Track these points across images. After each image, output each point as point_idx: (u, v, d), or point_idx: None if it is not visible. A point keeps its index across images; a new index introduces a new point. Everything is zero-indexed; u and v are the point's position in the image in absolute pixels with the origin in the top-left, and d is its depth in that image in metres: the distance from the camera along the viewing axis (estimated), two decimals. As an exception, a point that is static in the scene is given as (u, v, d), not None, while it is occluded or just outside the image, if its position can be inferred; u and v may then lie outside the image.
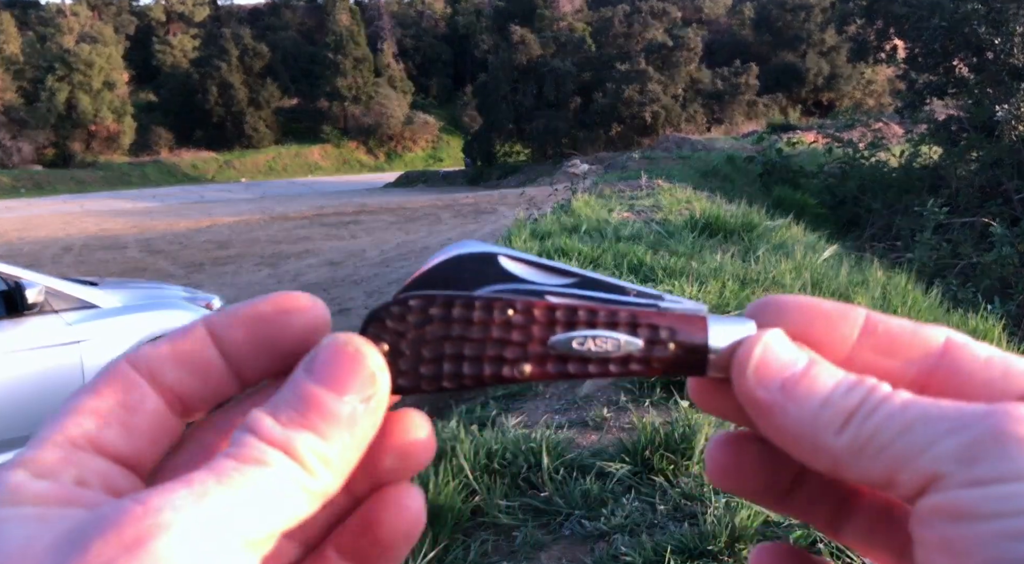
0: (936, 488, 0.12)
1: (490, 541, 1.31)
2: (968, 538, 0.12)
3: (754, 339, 0.15)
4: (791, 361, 0.15)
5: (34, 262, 6.63)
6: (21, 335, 2.23)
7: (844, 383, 0.14)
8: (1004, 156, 4.95)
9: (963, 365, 0.15)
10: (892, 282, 2.78)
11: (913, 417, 0.13)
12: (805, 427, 0.14)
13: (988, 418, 0.13)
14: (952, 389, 0.15)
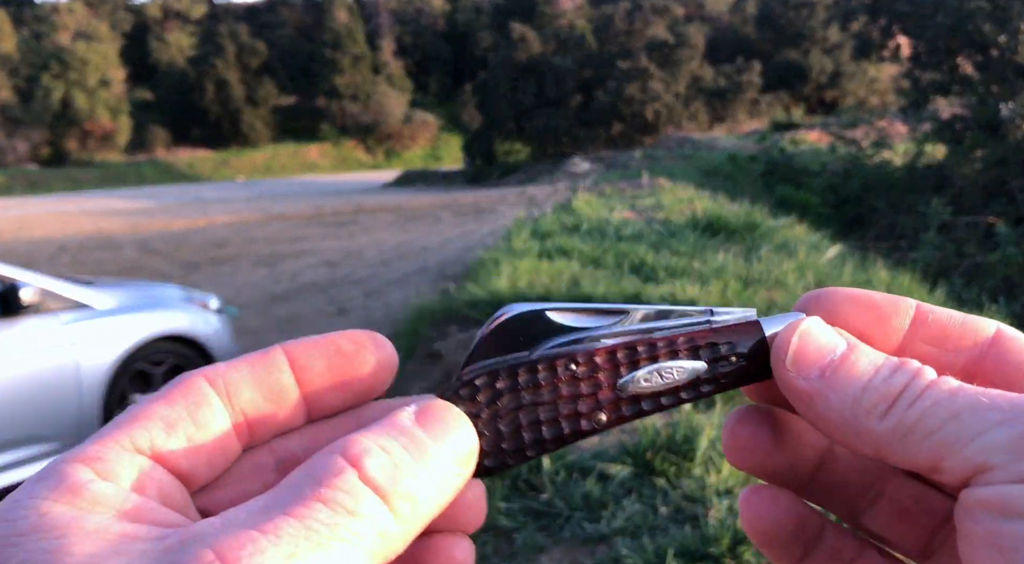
0: (984, 479, 0.13)
1: (490, 543, 1.29)
2: (1017, 535, 0.12)
3: (791, 327, 0.15)
4: (830, 347, 0.15)
5: (29, 262, 6.56)
6: (16, 336, 2.20)
7: (886, 367, 0.14)
8: (1009, 154, 4.93)
9: (1013, 356, 0.15)
10: (896, 282, 2.76)
11: (962, 404, 0.13)
12: (847, 413, 0.14)
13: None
14: (1000, 379, 0.15)
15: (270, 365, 0.15)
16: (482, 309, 2.51)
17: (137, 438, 0.13)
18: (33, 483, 0.12)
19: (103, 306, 2.44)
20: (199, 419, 0.14)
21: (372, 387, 0.15)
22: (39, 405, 2.24)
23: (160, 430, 0.13)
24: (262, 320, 4.28)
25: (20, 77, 27.90)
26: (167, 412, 0.14)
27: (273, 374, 0.15)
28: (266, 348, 0.15)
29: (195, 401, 0.14)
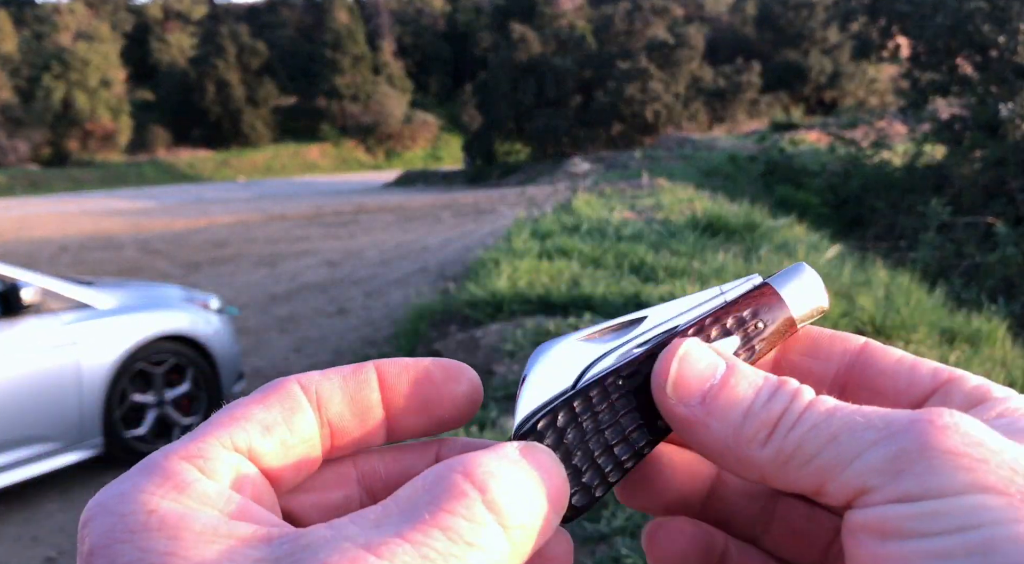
0: (864, 501, 0.13)
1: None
2: (897, 557, 0.12)
3: (670, 353, 0.15)
4: (709, 371, 0.15)
5: (30, 262, 6.58)
6: (17, 336, 2.20)
7: (765, 390, 0.14)
8: (1008, 155, 4.92)
9: (876, 363, 0.16)
10: (895, 282, 2.76)
11: (838, 426, 0.13)
12: (730, 441, 0.14)
13: (912, 428, 0.13)
14: (868, 384, 0.16)
15: (361, 381, 0.15)
16: (482, 309, 2.51)
17: (236, 438, 0.13)
18: (137, 476, 0.12)
19: (104, 306, 2.44)
20: (293, 424, 0.14)
21: (454, 418, 0.15)
22: (40, 405, 2.24)
23: (258, 432, 0.14)
24: (262, 320, 4.28)
25: (21, 77, 27.94)
26: (264, 415, 0.14)
27: (363, 390, 0.15)
28: (360, 363, 0.15)
29: (290, 407, 0.14)
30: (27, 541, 2.05)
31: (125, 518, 0.11)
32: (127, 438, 2.45)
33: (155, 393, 2.56)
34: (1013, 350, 2.09)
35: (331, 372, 0.15)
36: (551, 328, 2.11)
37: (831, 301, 0.17)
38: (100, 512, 0.11)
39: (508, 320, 2.36)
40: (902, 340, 1.95)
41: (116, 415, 2.44)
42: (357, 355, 3.34)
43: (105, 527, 0.11)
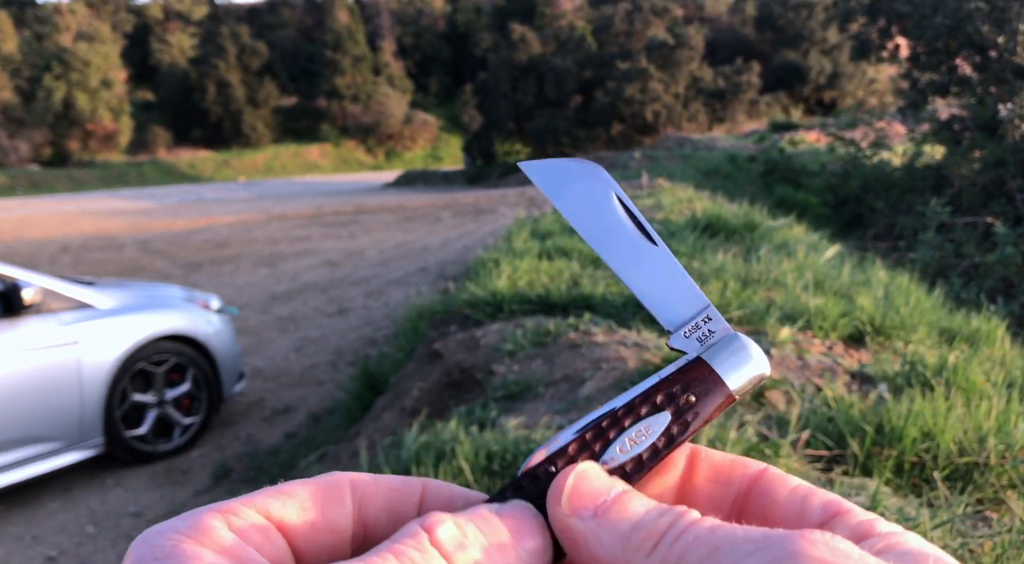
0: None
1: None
2: None
3: (567, 471, 0.16)
4: (605, 489, 0.16)
5: (31, 262, 6.61)
6: (17, 335, 2.21)
7: (656, 509, 0.15)
8: (1007, 155, 4.91)
9: (773, 490, 0.17)
10: (895, 282, 2.77)
11: (720, 539, 0.14)
12: (617, 552, 0.15)
13: (786, 541, 0.14)
14: (762, 512, 0.17)
15: (406, 495, 0.16)
16: (482, 309, 2.52)
17: (272, 507, 0.15)
18: (178, 520, 0.14)
19: (104, 306, 2.44)
20: (328, 513, 0.16)
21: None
22: (41, 405, 2.24)
23: (294, 510, 0.15)
24: (263, 320, 4.29)
25: (22, 78, 27.94)
26: (305, 497, 0.16)
27: (406, 505, 0.16)
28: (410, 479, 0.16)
29: (333, 498, 0.16)
30: (28, 540, 2.05)
31: (155, 549, 0.13)
32: (127, 438, 2.46)
33: (155, 393, 2.57)
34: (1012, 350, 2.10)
35: (383, 479, 0.17)
36: (551, 328, 2.11)
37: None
38: (140, 543, 0.14)
39: (508, 320, 2.37)
40: (901, 340, 1.96)
41: (117, 415, 2.44)
42: (357, 355, 3.35)
43: (139, 554, 0.13)
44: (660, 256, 0.18)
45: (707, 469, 0.18)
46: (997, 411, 1.26)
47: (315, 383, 3.19)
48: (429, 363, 2.31)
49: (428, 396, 2.05)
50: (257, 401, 3.05)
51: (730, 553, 0.14)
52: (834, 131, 8.16)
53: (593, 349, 1.88)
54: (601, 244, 0.18)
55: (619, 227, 0.18)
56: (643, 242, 0.18)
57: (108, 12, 33.15)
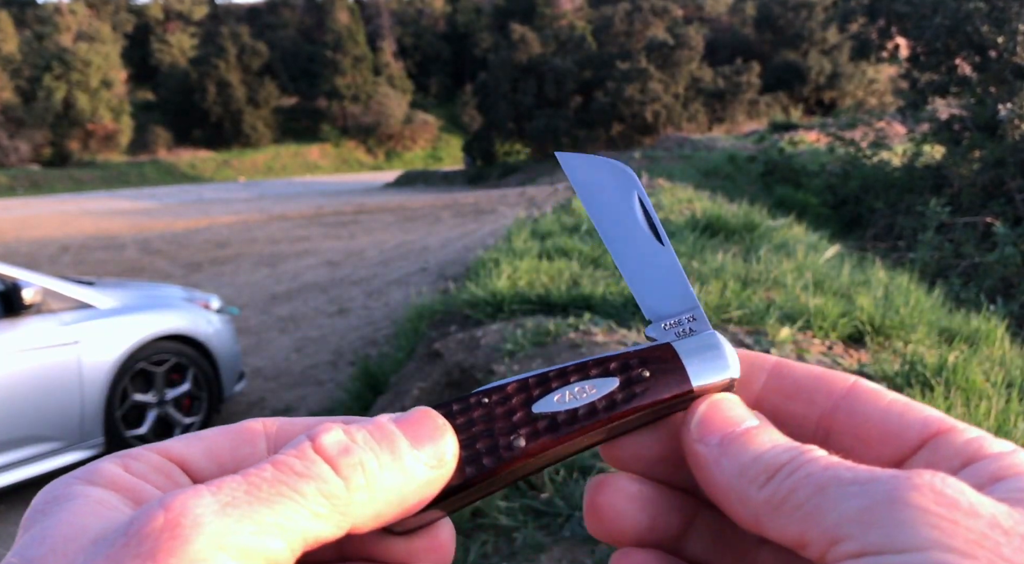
0: (835, 553, 0.13)
1: (490, 543, 1.30)
2: None
3: (704, 399, 0.16)
4: (736, 420, 0.16)
5: (31, 262, 6.60)
6: (18, 335, 2.21)
7: (782, 446, 0.15)
8: (1007, 155, 4.90)
9: (864, 408, 0.16)
10: (894, 282, 2.77)
11: (829, 478, 0.14)
12: (733, 480, 0.15)
13: (890, 482, 0.13)
14: (854, 431, 0.16)
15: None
16: (482, 309, 2.52)
17: (173, 448, 0.15)
18: (78, 470, 0.14)
19: (105, 306, 2.44)
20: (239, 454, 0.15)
21: None
22: (41, 404, 2.25)
23: (201, 450, 0.15)
24: (263, 320, 4.29)
25: (22, 78, 27.92)
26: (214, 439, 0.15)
27: None
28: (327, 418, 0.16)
29: (243, 439, 0.15)
30: (28, 540, 2.06)
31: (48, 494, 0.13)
32: (128, 438, 2.46)
33: (156, 393, 2.57)
34: (1012, 350, 2.10)
35: (299, 420, 0.16)
36: (551, 328, 2.12)
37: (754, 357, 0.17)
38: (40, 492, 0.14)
39: (508, 320, 2.37)
40: (901, 340, 1.96)
41: (117, 415, 2.44)
42: (357, 355, 3.35)
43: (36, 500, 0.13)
44: (663, 255, 0.18)
45: (790, 385, 0.17)
46: (996, 411, 1.27)
47: (315, 383, 3.19)
48: (429, 363, 2.31)
49: (428, 396, 2.05)
50: (257, 401, 3.05)
51: (835, 494, 0.13)
52: (834, 131, 8.13)
53: (593, 349, 1.88)
54: (610, 234, 0.19)
55: (632, 222, 0.18)
56: (651, 239, 0.18)
57: (108, 12, 33.16)
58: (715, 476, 0.15)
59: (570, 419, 0.16)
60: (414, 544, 0.16)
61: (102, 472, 0.14)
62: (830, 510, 0.13)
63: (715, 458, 0.15)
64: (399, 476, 0.14)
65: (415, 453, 0.15)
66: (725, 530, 0.17)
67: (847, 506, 0.13)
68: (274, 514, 0.13)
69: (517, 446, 0.16)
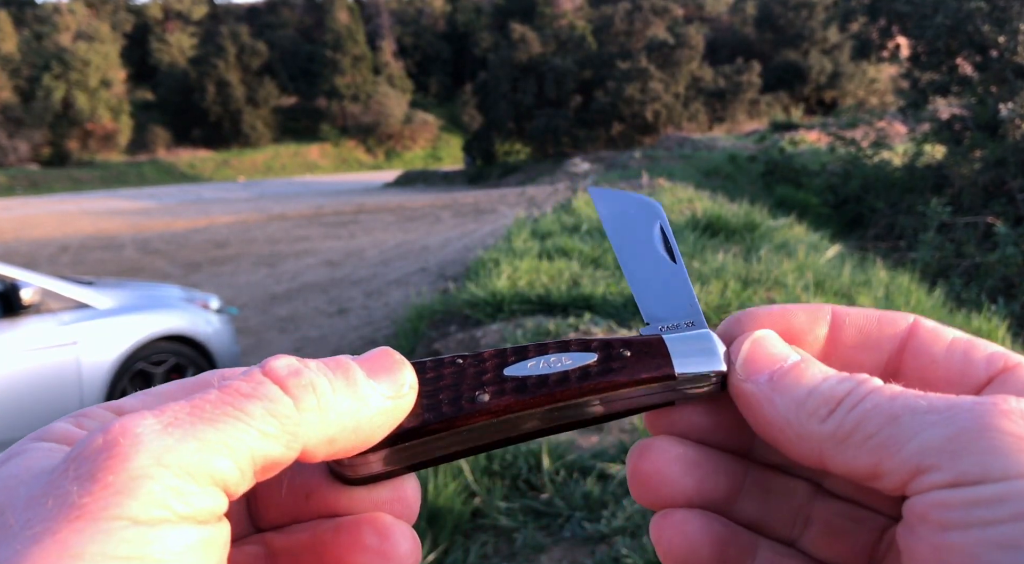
0: (920, 484, 0.12)
1: (490, 543, 1.30)
2: (959, 549, 0.12)
3: (744, 336, 0.16)
4: (781, 356, 0.15)
5: (30, 262, 6.59)
6: (17, 336, 2.21)
7: (835, 376, 0.15)
8: (1008, 155, 4.90)
9: (927, 350, 0.15)
10: (895, 282, 2.76)
11: (900, 407, 0.13)
12: (791, 416, 0.14)
13: (974, 410, 0.12)
14: (920, 373, 0.15)
15: None
16: (482, 309, 2.51)
17: (128, 405, 0.15)
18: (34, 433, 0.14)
19: (104, 306, 2.44)
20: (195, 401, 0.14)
21: None
22: (40, 405, 2.25)
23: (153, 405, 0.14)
24: (262, 320, 4.28)
25: (21, 77, 27.92)
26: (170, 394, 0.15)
27: None
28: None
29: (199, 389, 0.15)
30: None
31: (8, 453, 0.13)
32: (127, 438, 2.45)
33: (155, 393, 2.57)
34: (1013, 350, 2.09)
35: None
36: (551, 328, 2.11)
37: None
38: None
39: (508, 320, 2.36)
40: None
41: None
42: (357, 354, 3.33)
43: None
44: (675, 271, 0.18)
45: (852, 333, 0.16)
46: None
47: (315, 383, 3.20)
48: (429, 363, 2.29)
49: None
50: (257, 401, 3.06)
51: (911, 423, 0.13)
52: (834, 131, 8.12)
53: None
54: (625, 252, 0.19)
55: (649, 243, 0.19)
56: (665, 259, 0.19)
57: (108, 12, 33.12)
58: (769, 414, 0.14)
59: (539, 383, 0.16)
60: (379, 495, 0.15)
61: (53, 430, 0.14)
62: (908, 439, 0.12)
63: (767, 396, 0.15)
64: (353, 401, 0.14)
65: (371, 382, 0.14)
66: (775, 490, 0.16)
67: (930, 434, 0.12)
68: (218, 433, 0.12)
69: (480, 400, 0.15)
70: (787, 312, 0.16)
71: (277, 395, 0.13)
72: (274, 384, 0.13)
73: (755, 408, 0.15)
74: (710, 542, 0.16)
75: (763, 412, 0.15)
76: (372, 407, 0.14)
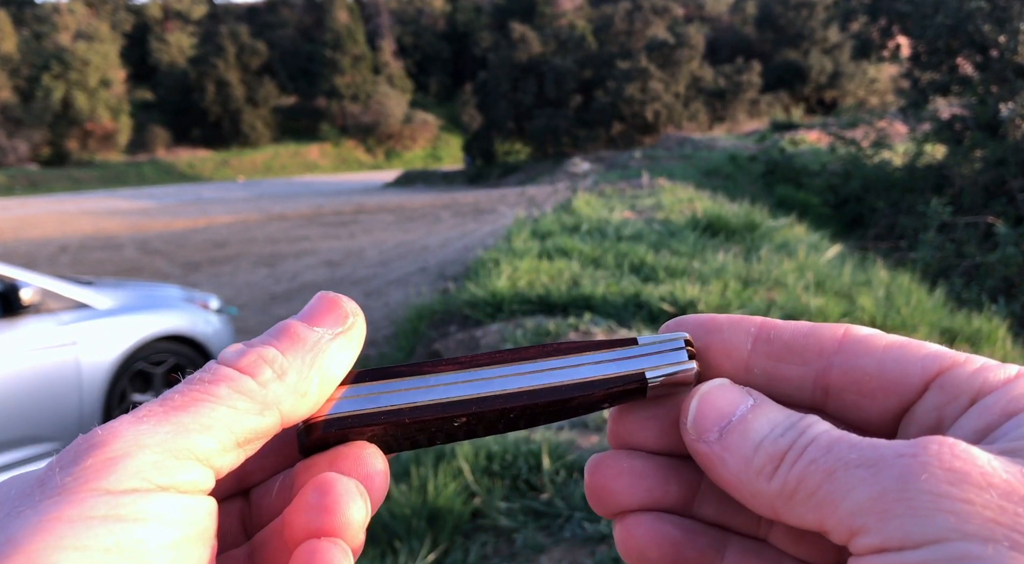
0: (856, 545, 0.12)
1: (490, 544, 1.30)
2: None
3: (693, 393, 0.16)
4: (728, 409, 0.15)
5: (29, 262, 6.58)
6: (16, 336, 2.20)
7: (781, 425, 0.14)
8: (1009, 155, 4.89)
9: (858, 361, 0.15)
10: (896, 282, 2.76)
11: (834, 461, 0.13)
12: (741, 475, 0.14)
13: (896, 465, 0.12)
14: (855, 387, 0.15)
15: None
16: (482, 309, 2.51)
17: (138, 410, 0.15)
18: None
19: (103, 306, 2.44)
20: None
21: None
22: (39, 405, 2.24)
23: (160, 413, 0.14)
24: (262, 320, 4.29)
25: (21, 77, 27.86)
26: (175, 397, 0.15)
27: None
28: None
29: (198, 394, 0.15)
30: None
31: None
32: (127, 438, 2.45)
33: (155, 393, 2.57)
34: (1013, 350, 2.09)
35: None
36: (551, 328, 2.11)
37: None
38: None
39: (508, 320, 2.36)
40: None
41: (115, 415, 2.43)
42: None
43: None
44: None
45: (780, 347, 0.15)
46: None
47: (315, 383, 3.20)
48: (429, 363, 2.28)
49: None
50: (256, 401, 3.06)
51: (844, 480, 0.12)
52: (835, 131, 8.12)
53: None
54: None
55: None
56: None
57: (107, 11, 33.08)
58: (723, 474, 0.14)
59: (510, 350, 0.16)
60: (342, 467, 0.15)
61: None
62: (843, 498, 0.12)
63: (718, 455, 0.14)
64: (305, 353, 0.14)
65: (316, 330, 0.15)
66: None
67: (859, 494, 0.12)
68: (191, 416, 0.13)
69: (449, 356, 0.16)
70: (714, 322, 0.16)
71: (236, 376, 0.14)
72: (230, 368, 0.14)
73: (710, 468, 0.15)
74: (660, 542, 0.16)
75: (717, 473, 0.15)
76: (326, 349, 0.14)
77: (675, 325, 0.17)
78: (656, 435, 0.16)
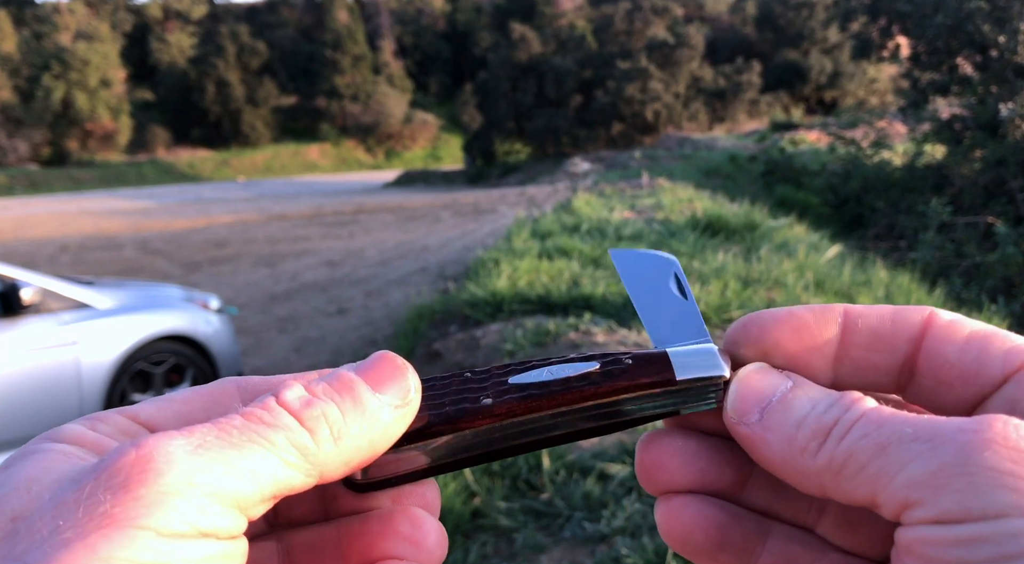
0: (908, 517, 0.12)
1: (490, 543, 1.30)
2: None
3: (732, 376, 0.16)
4: (769, 390, 0.15)
5: (30, 262, 6.59)
6: (16, 336, 2.21)
7: (823, 402, 0.14)
8: (1008, 155, 4.90)
9: (941, 348, 0.15)
10: (895, 282, 2.76)
11: (888, 435, 0.13)
12: (785, 453, 0.14)
13: (957, 440, 0.12)
14: (935, 374, 0.15)
15: None
16: (482, 309, 2.51)
17: (141, 412, 0.15)
18: (46, 433, 0.14)
19: (103, 306, 2.44)
20: (212, 414, 0.15)
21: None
22: (40, 405, 2.24)
23: (172, 413, 0.15)
24: (262, 320, 4.29)
25: (21, 77, 27.91)
26: (185, 401, 0.15)
27: None
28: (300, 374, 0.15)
29: (217, 400, 0.15)
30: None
31: (22, 451, 0.14)
32: (127, 438, 2.46)
33: (155, 393, 2.57)
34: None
35: (274, 379, 0.16)
36: (551, 328, 2.11)
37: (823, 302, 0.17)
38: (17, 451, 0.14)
39: (508, 320, 2.36)
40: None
41: (116, 415, 2.43)
42: (357, 355, 3.35)
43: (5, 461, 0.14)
44: (685, 305, 0.19)
45: (865, 334, 0.15)
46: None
47: (315, 383, 3.20)
48: (429, 363, 2.31)
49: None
50: (257, 401, 3.06)
51: (898, 454, 0.12)
52: (835, 131, 8.14)
53: (593, 349, 1.88)
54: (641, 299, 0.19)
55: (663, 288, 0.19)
56: (677, 296, 0.19)
57: (107, 11, 33.09)
58: (766, 455, 0.14)
59: (541, 387, 0.16)
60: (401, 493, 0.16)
61: (66, 431, 0.14)
62: (896, 471, 0.12)
63: (760, 436, 0.14)
64: (364, 421, 0.14)
65: (378, 397, 0.15)
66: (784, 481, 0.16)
67: (915, 468, 0.12)
68: (244, 458, 0.13)
69: (484, 403, 0.16)
70: (796, 316, 0.16)
71: (295, 426, 0.14)
72: (291, 415, 0.14)
73: (753, 449, 0.15)
74: (706, 526, 0.16)
75: (760, 453, 0.15)
76: (383, 423, 0.15)
77: (751, 323, 0.16)
78: (711, 415, 0.16)
